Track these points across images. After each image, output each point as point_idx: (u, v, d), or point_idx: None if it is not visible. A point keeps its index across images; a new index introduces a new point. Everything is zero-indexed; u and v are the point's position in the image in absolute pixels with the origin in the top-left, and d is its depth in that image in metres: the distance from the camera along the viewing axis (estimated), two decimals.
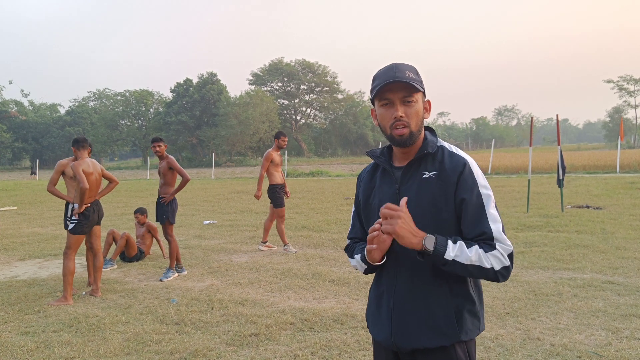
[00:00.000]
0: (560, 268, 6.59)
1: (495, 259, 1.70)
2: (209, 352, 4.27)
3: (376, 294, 1.94)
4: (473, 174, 1.77)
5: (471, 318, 1.81)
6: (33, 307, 5.69)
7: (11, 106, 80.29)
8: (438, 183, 1.78)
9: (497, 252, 1.70)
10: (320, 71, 76.18)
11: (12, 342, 4.60)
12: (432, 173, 1.80)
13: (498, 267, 1.70)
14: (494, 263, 1.70)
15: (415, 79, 1.80)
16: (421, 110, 1.83)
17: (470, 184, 1.76)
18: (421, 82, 1.83)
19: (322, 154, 75.09)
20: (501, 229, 1.74)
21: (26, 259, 8.53)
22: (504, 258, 1.71)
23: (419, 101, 1.82)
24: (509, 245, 1.73)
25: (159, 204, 7.07)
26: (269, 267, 7.25)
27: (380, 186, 1.93)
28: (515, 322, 4.73)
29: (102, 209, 6.46)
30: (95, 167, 6.27)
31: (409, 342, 1.82)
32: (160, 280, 6.77)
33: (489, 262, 1.69)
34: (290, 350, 4.27)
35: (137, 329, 4.87)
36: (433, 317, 1.79)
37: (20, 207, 17.46)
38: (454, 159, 1.81)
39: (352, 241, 2.09)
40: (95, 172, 6.22)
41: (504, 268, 1.71)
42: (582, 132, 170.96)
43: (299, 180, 27.28)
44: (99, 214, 6.35)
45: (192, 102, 65.29)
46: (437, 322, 1.78)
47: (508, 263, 1.72)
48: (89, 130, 73.07)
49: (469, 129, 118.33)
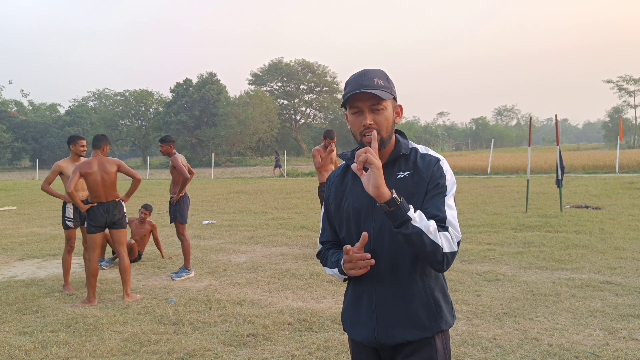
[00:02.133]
0: (558, 268, 6.59)
1: (446, 240, 1.76)
2: (206, 353, 4.27)
3: (354, 296, 1.99)
4: (442, 169, 1.87)
5: (448, 308, 1.92)
6: (31, 307, 5.69)
7: (11, 106, 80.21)
8: (412, 181, 1.86)
9: (449, 235, 1.77)
10: (319, 71, 76.15)
11: (9, 342, 4.60)
12: (407, 173, 1.88)
13: (447, 249, 1.75)
14: (444, 244, 1.75)
15: (384, 85, 1.85)
16: (390, 116, 1.88)
17: (438, 176, 1.85)
18: (390, 89, 1.88)
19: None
20: (454, 217, 1.82)
21: (25, 259, 8.53)
22: (453, 243, 1.77)
23: (388, 108, 1.88)
24: (459, 233, 1.81)
25: (170, 204, 7.16)
26: (267, 268, 7.25)
27: (352, 187, 1.97)
28: (512, 322, 4.73)
29: (117, 213, 6.02)
30: (104, 167, 5.99)
31: (392, 338, 1.88)
32: (172, 279, 6.80)
33: (440, 241, 1.74)
34: (287, 350, 4.27)
35: (134, 329, 4.87)
36: (415, 312, 1.86)
37: (20, 207, 17.46)
38: (426, 158, 1.90)
39: (324, 247, 2.11)
40: (100, 171, 5.95)
41: (451, 253, 1.77)
42: (581, 132, 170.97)
43: (298, 180, 27.27)
44: (109, 218, 5.97)
45: (192, 102, 65.23)
46: (419, 317, 1.86)
47: (456, 249, 1.78)
48: (89, 130, 72.96)
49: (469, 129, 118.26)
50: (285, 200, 16.39)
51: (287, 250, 8.53)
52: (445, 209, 1.81)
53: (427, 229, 1.71)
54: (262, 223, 11.50)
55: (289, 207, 14.68)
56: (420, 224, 1.71)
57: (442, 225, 1.78)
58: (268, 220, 11.94)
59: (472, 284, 6.00)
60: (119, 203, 6.10)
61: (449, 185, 1.87)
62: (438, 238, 1.74)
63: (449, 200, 1.84)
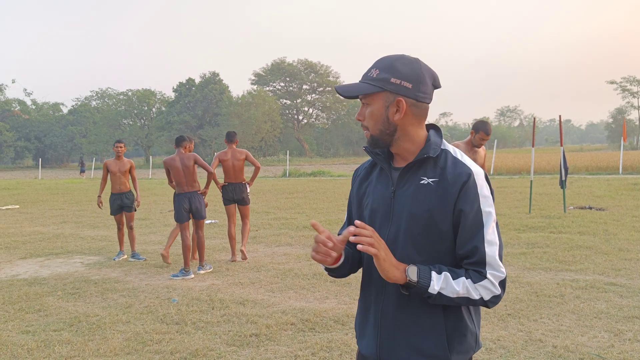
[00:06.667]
0: (562, 269, 6.56)
1: (484, 289, 1.57)
2: (209, 352, 4.25)
3: (363, 307, 1.80)
4: (477, 187, 1.60)
5: (465, 338, 1.65)
6: (34, 306, 5.68)
7: (14, 105, 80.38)
8: (437, 192, 1.61)
9: (487, 282, 1.57)
10: (322, 71, 76.22)
11: (12, 341, 4.59)
12: (432, 180, 1.63)
13: (488, 296, 1.57)
14: (483, 293, 1.56)
15: (376, 77, 1.65)
16: (378, 112, 1.66)
17: (472, 197, 1.59)
18: (384, 81, 1.63)
19: (324, 154, 75.04)
20: (497, 253, 1.59)
21: (27, 257, 8.53)
22: (495, 287, 1.58)
23: (375, 103, 1.66)
24: (502, 272, 1.59)
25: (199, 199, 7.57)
26: (270, 267, 7.23)
27: (376, 186, 1.77)
28: (517, 323, 4.70)
29: (242, 193, 7.80)
30: (235, 156, 7.82)
31: (394, 358, 1.69)
32: (198, 271, 7.08)
33: (477, 293, 1.56)
34: (290, 350, 4.25)
35: (137, 328, 4.86)
36: (422, 337, 1.64)
37: (22, 206, 17.47)
38: (457, 167, 1.62)
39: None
40: (232, 159, 7.81)
41: (495, 297, 1.59)
42: (584, 133, 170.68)
43: (301, 180, 27.25)
44: (236, 195, 7.82)
45: (195, 102, 65.37)
46: (426, 343, 1.63)
47: (499, 292, 1.58)
48: (92, 130, 73.15)
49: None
50: (288, 200, 16.37)
51: (289, 250, 8.52)
52: (484, 246, 1.57)
53: (455, 293, 1.54)
54: (265, 223, 11.48)
55: (292, 207, 14.66)
56: (447, 290, 1.54)
57: (480, 271, 1.57)
58: (271, 220, 11.93)
59: None
60: (244, 185, 7.93)
61: (487, 209, 1.59)
62: (473, 293, 1.56)
63: (488, 232, 1.58)
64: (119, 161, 8.39)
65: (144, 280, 6.78)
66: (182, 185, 7.15)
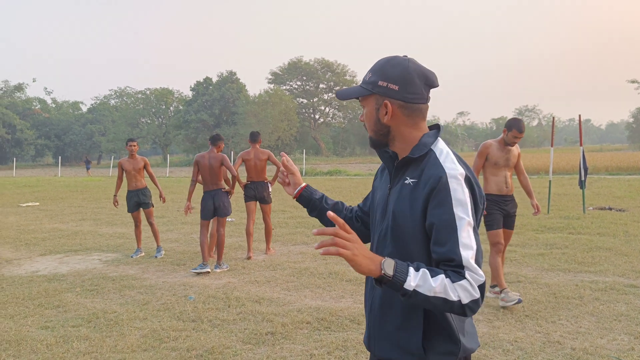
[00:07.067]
0: (581, 271, 6.48)
1: (463, 290, 1.49)
2: (225, 350, 4.27)
3: (364, 301, 1.88)
4: (449, 190, 1.56)
5: (443, 341, 1.63)
6: (53, 302, 5.76)
7: (35, 104, 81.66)
8: (414, 192, 1.63)
9: (467, 283, 1.49)
10: (339, 70, 76.05)
11: (32, 336, 4.66)
12: (412, 180, 1.65)
13: (466, 299, 1.49)
14: (461, 295, 1.49)
15: (368, 80, 1.70)
16: (370, 114, 1.73)
17: (442, 200, 1.56)
18: (373, 84, 1.68)
19: (340, 153, 74.94)
20: (473, 257, 1.53)
21: (47, 254, 8.65)
22: (474, 290, 1.50)
23: (368, 105, 1.73)
24: (481, 276, 1.52)
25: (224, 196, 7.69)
26: (285, 266, 7.24)
27: (380, 182, 1.86)
28: (534, 325, 4.65)
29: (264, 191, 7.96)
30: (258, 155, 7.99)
31: (380, 350, 1.75)
32: (214, 270, 7.11)
33: (455, 294, 1.48)
34: (306, 349, 4.25)
35: (154, 325, 4.90)
36: (401, 333, 1.67)
37: (42, 203, 17.72)
38: (433, 169, 1.61)
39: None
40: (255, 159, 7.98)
41: (473, 301, 1.50)
42: (604, 133, 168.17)
43: (317, 179, 27.27)
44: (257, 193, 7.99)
45: (212, 101, 65.69)
46: (404, 340, 1.66)
47: (478, 295, 1.50)
48: (110, 128, 73.92)
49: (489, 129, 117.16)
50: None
51: (305, 249, 8.52)
52: (460, 249, 1.52)
53: (432, 291, 1.48)
54: (281, 221, 11.50)
55: None
56: (424, 287, 1.48)
57: (459, 271, 1.51)
58: (287, 219, 11.94)
59: None
60: (266, 184, 8.07)
61: (459, 214, 1.55)
62: (451, 293, 1.48)
63: (462, 235, 1.53)
64: (132, 160, 8.50)
65: (161, 278, 6.83)
66: (207, 183, 7.37)
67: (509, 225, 5.53)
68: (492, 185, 5.50)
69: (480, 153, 5.53)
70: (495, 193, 5.46)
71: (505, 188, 5.49)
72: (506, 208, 5.48)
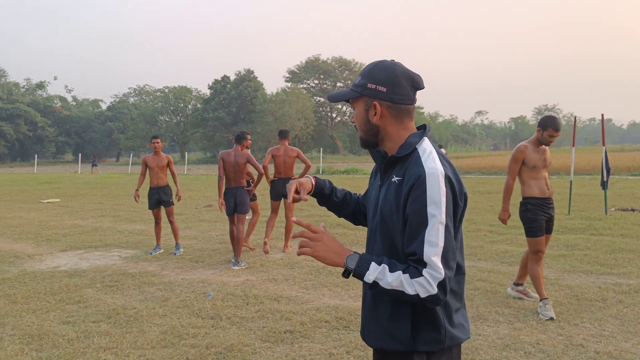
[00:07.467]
0: (604, 273, 6.37)
1: (420, 286, 1.60)
2: (244, 348, 4.27)
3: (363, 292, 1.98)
4: (425, 187, 1.64)
5: (431, 330, 1.72)
6: (74, 298, 5.82)
7: (56, 101, 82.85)
8: (398, 190, 1.72)
9: (423, 280, 1.59)
10: (356, 69, 75.86)
11: (54, 331, 4.71)
12: (397, 178, 1.74)
13: (424, 294, 1.60)
14: (418, 290, 1.60)
15: (356, 83, 1.81)
16: (360, 115, 1.83)
17: (417, 198, 1.64)
18: (362, 86, 1.79)
19: (357, 152, 74.71)
20: (437, 255, 1.61)
21: (67, 250, 8.75)
22: (430, 286, 1.59)
23: (358, 107, 1.83)
24: (440, 274, 1.60)
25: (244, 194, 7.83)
26: (303, 264, 7.24)
27: (374, 180, 1.97)
28: (557, 327, 4.58)
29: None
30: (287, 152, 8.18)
31: (373, 340, 1.83)
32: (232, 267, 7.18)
33: (412, 289, 1.60)
34: (325, 348, 4.24)
35: (173, 322, 4.92)
36: (391, 322, 1.76)
37: (63, 199, 17.94)
38: (414, 167, 1.70)
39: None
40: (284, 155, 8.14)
41: (431, 296, 1.60)
42: (626, 132, 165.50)
43: (334, 178, 27.23)
44: (284, 190, 7.89)
45: (229, 99, 65.96)
46: (393, 329, 1.75)
47: (435, 291, 1.59)
48: (129, 126, 74.66)
49: (508, 128, 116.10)
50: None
51: None
52: (423, 246, 1.61)
53: (389, 285, 1.61)
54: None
55: None
56: (382, 281, 1.62)
57: (418, 268, 1.61)
58: (304, 217, 11.94)
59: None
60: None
61: (432, 211, 1.62)
62: (408, 287, 1.60)
63: (430, 233, 1.61)
64: (156, 156, 8.56)
65: (180, 275, 6.87)
66: (230, 180, 7.57)
67: (549, 229, 5.33)
68: (535, 188, 5.20)
69: (515, 158, 5.20)
70: (539, 196, 5.18)
71: (547, 190, 5.21)
72: (549, 211, 5.22)
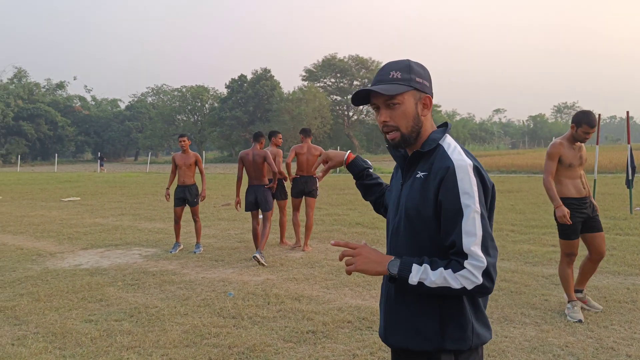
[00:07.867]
0: (632, 273, 6.22)
1: (464, 279, 1.60)
2: (266, 348, 4.23)
3: (381, 294, 1.96)
4: (456, 179, 1.65)
5: (459, 327, 1.71)
6: (96, 296, 5.83)
7: (75, 101, 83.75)
8: (425, 185, 1.72)
9: (467, 272, 1.60)
10: (373, 67, 75.53)
11: (76, 329, 4.71)
12: (423, 174, 1.75)
13: (470, 286, 1.60)
14: (464, 283, 1.60)
15: (400, 78, 1.76)
16: (410, 109, 1.77)
17: (450, 190, 1.66)
18: (409, 80, 1.76)
19: (374, 150, 74.49)
20: (477, 244, 1.61)
21: (89, 248, 8.80)
22: (475, 277, 1.60)
23: (406, 101, 1.76)
24: (482, 262, 1.60)
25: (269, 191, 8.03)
26: (324, 264, 7.18)
27: (395, 179, 1.97)
28: (585, 329, 4.47)
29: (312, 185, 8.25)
30: (310, 150, 8.37)
31: (395, 340, 1.81)
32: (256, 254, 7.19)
33: (458, 283, 1.61)
34: (348, 349, 4.18)
35: (195, 321, 4.90)
36: (418, 320, 1.74)
37: (83, 198, 18.11)
38: (441, 161, 1.71)
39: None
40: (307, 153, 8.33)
41: (478, 287, 1.60)
42: None
43: (352, 177, 27.11)
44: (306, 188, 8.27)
45: (246, 98, 66.15)
46: (421, 326, 1.74)
47: (480, 281, 1.60)
48: (147, 125, 75.24)
49: (526, 127, 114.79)
50: (339, 197, 16.30)
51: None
52: (462, 237, 1.62)
53: (434, 283, 1.62)
54: (317, 219, 11.44)
55: (343, 203, 14.58)
56: (427, 280, 1.62)
57: (459, 261, 1.62)
58: (323, 216, 11.89)
59: (539, 287, 5.75)
60: (315, 178, 8.26)
61: (465, 202, 1.63)
62: (453, 282, 1.61)
63: (467, 223, 1.63)
64: (184, 155, 8.59)
65: (200, 274, 6.86)
66: (251, 178, 7.75)
67: (597, 227, 5.00)
68: (571, 188, 4.90)
69: (552, 155, 4.90)
70: (575, 196, 4.87)
71: (584, 189, 4.92)
72: (586, 211, 4.90)
